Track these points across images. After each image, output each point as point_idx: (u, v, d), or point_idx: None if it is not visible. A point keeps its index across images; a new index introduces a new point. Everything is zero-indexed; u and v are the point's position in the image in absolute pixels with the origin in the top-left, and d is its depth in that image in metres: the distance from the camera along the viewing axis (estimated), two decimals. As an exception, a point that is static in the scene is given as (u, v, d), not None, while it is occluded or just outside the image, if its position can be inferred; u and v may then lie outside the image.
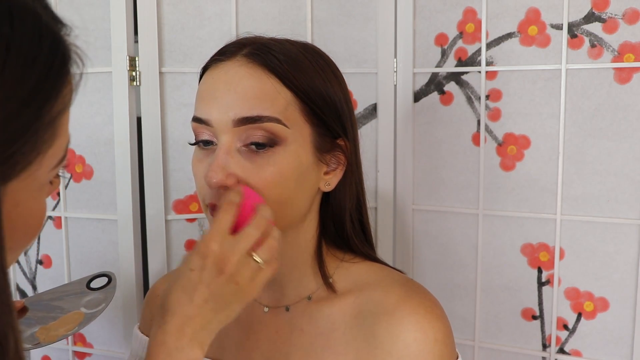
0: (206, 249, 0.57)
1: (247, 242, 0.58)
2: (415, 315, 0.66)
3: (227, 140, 0.63)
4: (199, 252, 0.57)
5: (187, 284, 0.57)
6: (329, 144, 0.68)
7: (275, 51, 0.64)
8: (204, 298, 0.56)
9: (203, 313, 0.56)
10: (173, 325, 0.56)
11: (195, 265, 0.57)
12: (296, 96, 0.64)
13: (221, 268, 0.57)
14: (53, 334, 0.73)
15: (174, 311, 0.56)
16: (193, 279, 0.57)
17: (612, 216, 1.05)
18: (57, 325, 0.75)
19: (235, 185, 0.62)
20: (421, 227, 1.20)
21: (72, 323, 0.75)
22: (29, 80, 0.37)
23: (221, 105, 0.63)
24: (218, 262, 0.57)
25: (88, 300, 0.80)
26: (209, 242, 0.57)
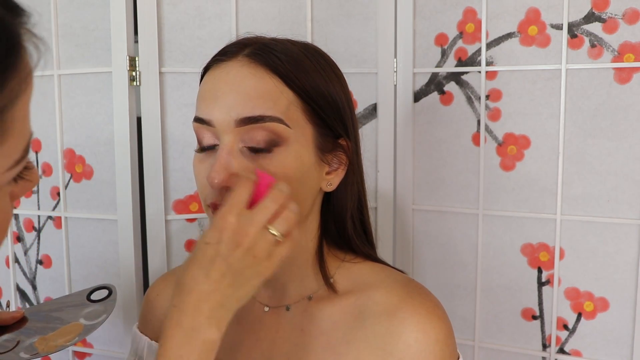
0: (223, 221, 0.55)
1: (264, 215, 0.57)
2: (417, 316, 0.66)
3: (229, 140, 0.63)
4: (216, 226, 0.56)
5: (202, 259, 0.55)
6: (330, 144, 0.68)
7: (277, 51, 0.64)
8: (221, 272, 0.55)
9: (220, 289, 0.55)
10: (189, 304, 0.54)
11: (211, 239, 0.55)
12: (298, 96, 0.64)
13: (238, 241, 0.55)
14: (52, 344, 0.73)
15: (190, 288, 0.55)
16: (209, 253, 0.55)
17: (612, 216, 1.05)
18: (56, 335, 0.75)
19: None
20: (421, 227, 1.20)
21: (71, 334, 0.75)
22: None
23: (223, 105, 0.63)
24: (235, 235, 0.55)
25: (88, 312, 0.80)
26: (226, 215, 0.56)
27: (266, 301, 0.73)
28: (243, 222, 0.56)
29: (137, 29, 1.11)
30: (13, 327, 0.76)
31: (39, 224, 1.22)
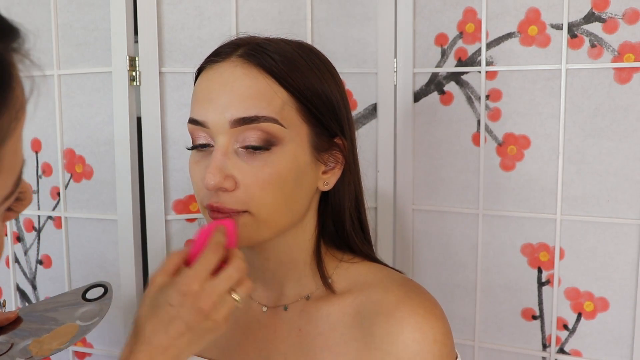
0: (187, 287, 0.57)
1: (228, 284, 0.59)
2: (415, 316, 0.66)
3: (224, 141, 0.63)
4: (179, 289, 0.57)
5: (164, 317, 0.57)
6: (326, 143, 0.67)
7: (270, 51, 0.64)
8: (180, 332, 0.57)
9: (177, 344, 0.57)
10: (145, 353, 0.56)
11: (174, 301, 0.57)
12: (292, 96, 0.64)
13: (200, 307, 0.57)
14: (46, 347, 0.72)
15: (149, 340, 0.57)
16: (171, 313, 0.57)
17: (612, 216, 1.05)
18: (51, 338, 0.74)
19: (232, 186, 0.62)
20: (421, 227, 1.20)
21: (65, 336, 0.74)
22: None
23: (217, 106, 0.63)
24: (197, 301, 0.57)
25: (83, 312, 0.79)
26: (191, 282, 0.58)
27: (264, 301, 0.73)
28: (207, 289, 0.58)
29: (137, 29, 1.11)
30: (7, 328, 0.75)
31: (39, 224, 1.22)
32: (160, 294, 0.59)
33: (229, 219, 0.63)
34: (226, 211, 0.63)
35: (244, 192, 0.62)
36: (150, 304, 0.59)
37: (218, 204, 0.63)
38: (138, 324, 0.59)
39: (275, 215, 0.64)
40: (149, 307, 0.59)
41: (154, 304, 0.58)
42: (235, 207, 0.63)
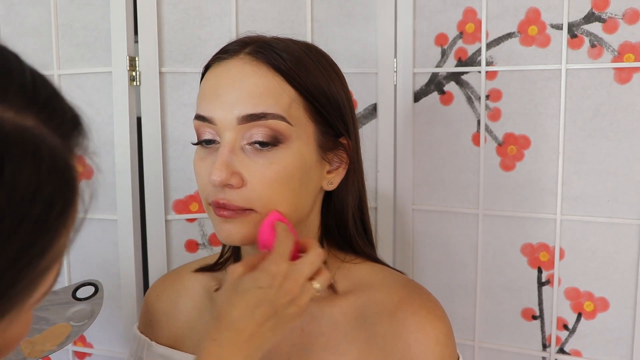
0: (277, 268, 0.57)
1: (311, 269, 0.60)
2: (417, 316, 0.66)
3: (231, 138, 0.63)
4: (268, 270, 0.57)
5: (252, 300, 0.57)
6: (331, 143, 0.68)
7: (279, 49, 0.64)
8: (266, 316, 0.57)
9: (262, 331, 0.57)
10: (230, 341, 0.56)
11: (263, 283, 0.57)
12: (300, 94, 0.64)
13: (288, 289, 0.57)
14: (39, 348, 0.71)
15: (235, 326, 0.56)
16: (259, 297, 0.57)
17: (612, 216, 1.05)
18: (43, 339, 0.72)
19: (238, 183, 0.62)
20: (421, 227, 1.20)
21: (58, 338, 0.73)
22: (15, 243, 0.31)
23: (225, 103, 0.63)
24: (285, 282, 0.57)
25: (74, 311, 0.78)
26: (279, 262, 0.58)
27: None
28: (294, 272, 0.58)
29: (137, 29, 1.11)
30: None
31: (39, 224, 1.22)
32: (245, 280, 0.58)
33: (275, 212, 0.63)
34: (232, 208, 0.63)
35: (251, 189, 0.62)
36: (234, 291, 0.58)
37: (224, 201, 0.62)
38: (221, 312, 0.57)
39: None
40: (234, 293, 0.58)
41: (238, 290, 0.58)
42: (242, 204, 0.62)
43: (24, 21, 1.17)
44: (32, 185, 0.31)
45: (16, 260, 0.32)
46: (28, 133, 0.32)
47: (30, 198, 0.31)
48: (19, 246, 0.31)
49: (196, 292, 0.78)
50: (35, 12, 1.16)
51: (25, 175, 0.31)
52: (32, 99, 0.33)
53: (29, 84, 0.33)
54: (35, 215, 0.32)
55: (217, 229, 0.65)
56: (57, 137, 0.34)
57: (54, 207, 0.33)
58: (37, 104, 0.33)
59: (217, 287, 0.76)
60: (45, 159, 0.33)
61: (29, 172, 0.31)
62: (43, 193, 0.32)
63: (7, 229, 0.31)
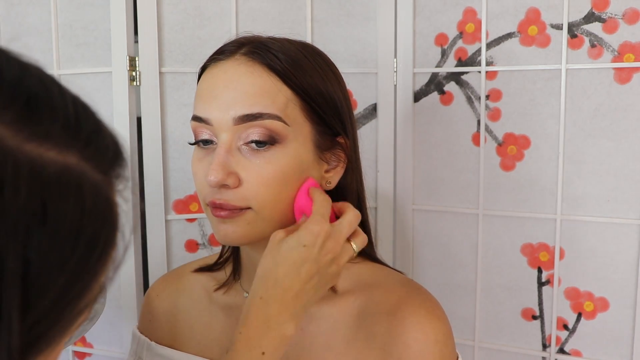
0: (319, 228, 0.60)
1: (350, 229, 0.62)
2: (416, 316, 0.66)
3: (227, 138, 0.63)
4: (312, 230, 0.60)
5: (297, 259, 0.59)
6: (329, 142, 0.68)
7: (275, 50, 0.64)
8: (311, 274, 0.59)
9: (306, 289, 0.59)
10: (277, 298, 0.58)
11: (307, 242, 0.59)
12: (296, 94, 0.64)
13: (330, 248, 0.60)
14: None
15: (281, 284, 0.58)
16: (304, 255, 0.59)
17: (612, 216, 1.05)
18: None
19: (235, 183, 0.62)
20: (421, 227, 1.20)
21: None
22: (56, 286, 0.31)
23: (221, 103, 0.63)
24: (328, 241, 0.60)
25: None
26: (322, 222, 0.60)
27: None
28: (335, 231, 0.61)
29: (137, 29, 1.11)
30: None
31: (39, 224, 1.22)
32: (288, 240, 0.60)
33: (310, 178, 0.65)
34: (229, 208, 0.63)
35: (247, 189, 0.62)
36: (278, 251, 0.60)
37: (221, 201, 0.63)
38: (266, 272, 0.59)
39: (278, 212, 0.64)
40: (277, 253, 0.60)
41: (282, 250, 0.60)
42: (239, 204, 0.63)
43: (24, 21, 1.17)
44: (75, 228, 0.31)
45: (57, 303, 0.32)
46: (71, 172, 0.31)
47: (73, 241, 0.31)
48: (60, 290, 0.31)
49: (196, 292, 0.78)
50: (35, 12, 1.16)
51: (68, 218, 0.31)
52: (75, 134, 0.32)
53: (72, 117, 0.33)
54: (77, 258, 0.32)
55: (215, 229, 0.65)
56: (99, 173, 0.33)
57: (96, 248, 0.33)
58: (80, 140, 0.33)
59: (216, 287, 0.76)
60: (88, 198, 0.32)
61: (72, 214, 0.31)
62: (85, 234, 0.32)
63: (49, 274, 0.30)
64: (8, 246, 0.28)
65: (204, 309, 0.76)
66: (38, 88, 0.32)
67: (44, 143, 0.30)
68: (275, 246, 0.60)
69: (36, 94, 0.31)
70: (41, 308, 0.31)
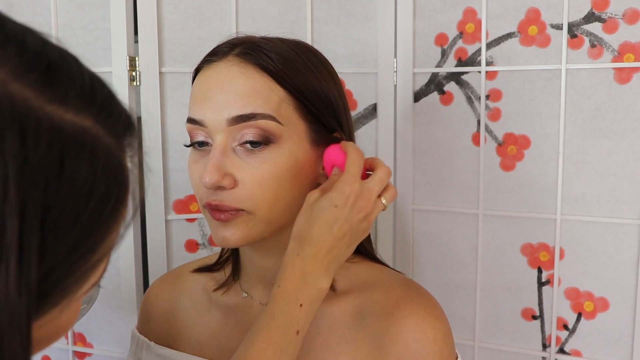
0: (350, 188, 0.62)
1: (380, 186, 0.64)
2: (415, 316, 0.66)
3: (222, 140, 0.63)
4: (342, 190, 0.62)
5: (330, 218, 0.61)
6: (324, 140, 0.68)
7: (267, 50, 0.64)
8: (343, 232, 0.62)
9: (339, 246, 0.62)
10: (312, 255, 0.61)
11: (339, 202, 0.61)
12: (289, 93, 0.64)
13: (361, 206, 0.62)
14: None
15: (316, 242, 0.61)
16: (336, 215, 0.61)
17: (612, 216, 1.05)
18: None
19: (231, 184, 0.62)
20: (421, 227, 1.20)
21: None
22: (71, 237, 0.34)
23: (214, 105, 0.63)
24: (359, 200, 0.62)
25: None
26: (352, 182, 0.62)
27: (265, 301, 0.73)
28: (365, 190, 0.63)
29: (137, 29, 1.11)
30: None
31: (39, 223, 1.22)
32: (322, 200, 0.62)
33: (336, 144, 0.66)
34: (226, 209, 0.63)
35: (243, 189, 0.62)
36: (311, 211, 0.62)
37: (217, 202, 0.63)
38: (300, 232, 0.62)
39: (275, 213, 0.64)
40: (311, 214, 0.62)
41: (315, 210, 0.62)
42: (235, 205, 0.63)
43: (24, 21, 1.17)
44: (89, 183, 0.34)
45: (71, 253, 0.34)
46: (87, 133, 0.34)
47: (87, 195, 0.34)
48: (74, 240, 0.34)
49: (195, 292, 0.78)
50: (35, 12, 1.16)
51: (83, 173, 0.33)
52: (90, 101, 0.35)
53: (87, 86, 0.36)
54: (90, 211, 0.34)
55: (213, 232, 0.66)
56: (111, 137, 0.36)
57: (107, 204, 0.35)
58: (94, 106, 0.36)
59: (215, 287, 0.76)
60: (101, 158, 0.35)
61: (86, 170, 0.34)
62: (98, 190, 0.34)
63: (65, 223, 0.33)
64: (29, 192, 0.31)
65: (203, 309, 0.76)
66: (57, 58, 0.35)
67: (63, 106, 0.33)
68: (309, 206, 0.62)
69: (56, 63, 0.34)
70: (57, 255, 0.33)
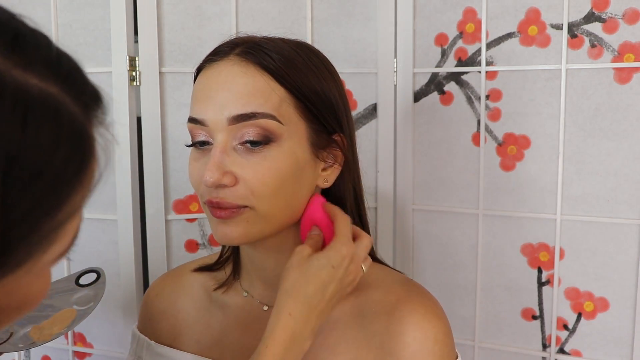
0: (347, 250, 0.63)
1: (365, 252, 0.67)
2: (415, 315, 0.66)
3: (222, 138, 0.63)
4: (340, 252, 0.63)
5: (326, 278, 0.62)
6: (325, 140, 0.68)
7: (268, 49, 0.64)
8: (333, 294, 0.63)
9: (328, 307, 0.63)
10: (304, 315, 0.61)
11: (336, 263, 0.63)
12: (290, 93, 0.64)
13: (352, 270, 0.64)
14: (47, 332, 0.73)
15: (310, 302, 0.61)
16: (332, 275, 0.62)
17: (612, 216, 1.05)
18: (51, 323, 0.74)
19: (232, 182, 0.62)
20: (421, 227, 1.20)
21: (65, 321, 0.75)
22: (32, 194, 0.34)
23: (215, 104, 0.63)
24: (351, 263, 0.64)
25: (79, 297, 0.80)
26: (349, 245, 0.64)
27: (265, 300, 0.73)
28: (356, 254, 0.65)
29: (137, 29, 1.11)
30: None
31: (39, 224, 1.22)
32: (319, 258, 0.63)
33: (318, 195, 0.68)
34: (227, 206, 0.63)
35: (244, 186, 0.63)
36: (307, 269, 0.62)
37: (218, 199, 0.63)
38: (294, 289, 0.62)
39: (275, 211, 0.64)
40: (307, 270, 0.62)
41: (312, 268, 0.62)
42: (236, 202, 0.63)
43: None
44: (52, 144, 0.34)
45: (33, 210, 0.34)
46: (51, 98, 0.35)
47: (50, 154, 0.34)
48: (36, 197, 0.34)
49: (195, 292, 0.78)
50: (35, 12, 1.16)
51: (46, 133, 0.34)
52: (56, 70, 0.36)
53: (54, 57, 0.37)
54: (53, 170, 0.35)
55: (214, 229, 0.66)
56: (77, 107, 0.37)
57: (70, 165, 0.36)
58: (60, 76, 0.36)
59: (216, 286, 0.76)
60: (65, 123, 0.35)
61: (49, 132, 0.34)
62: (61, 151, 0.35)
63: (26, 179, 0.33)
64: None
65: (204, 309, 0.76)
66: (26, 30, 0.36)
67: (28, 71, 0.34)
68: (304, 262, 0.63)
69: (24, 33, 0.35)
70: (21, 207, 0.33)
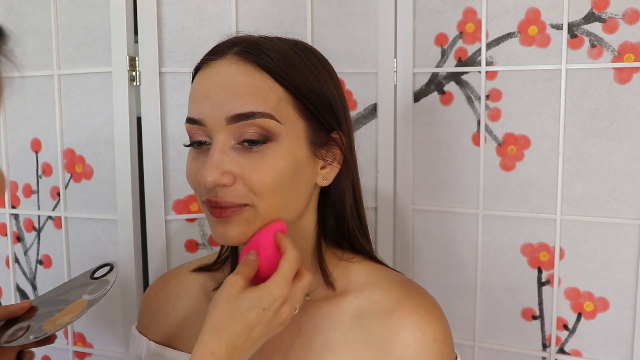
0: (280, 293, 0.60)
1: (303, 293, 0.63)
2: (415, 316, 0.66)
3: (221, 138, 0.63)
4: (273, 295, 0.60)
5: (253, 320, 0.60)
6: (323, 138, 0.68)
7: (266, 48, 0.65)
8: (259, 335, 0.60)
9: (253, 347, 0.60)
10: (226, 355, 0.59)
11: (266, 305, 0.60)
12: (288, 92, 0.64)
13: (282, 311, 0.61)
14: (58, 322, 0.74)
15: (234, 343, 0.59)
16: (260, 317, 0.60)
17: (612, 216, 1.05)
18: (62, 315, 0.75)
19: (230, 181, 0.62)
20: (421, 227, 1.20)
21: (75, 311, 0.76)
22: None
23: (214, 104, 0.63)
24: (283, 306, 0.61)
25: (91, 288, 0.81)
26: (284, 288, 0.61)
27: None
28: (290, 297, 0.62)
29: (137, 29, 1.11)
30: (23, 317, 0.77)
31: (39, 224, 1.22)
32: (249, 297, 0.60)
33: (280, 222, 0.65)
34: (225, 205, 0.63)
35: (243, 185, 0.63)
36: (236, 307, 0.60)
37: (216, 198, 0.63)
38: (219, 326, 0.59)
39: (274, 210, 0.64)
40: (236, 309, 0.60)
41: (241, 307, 0.60)
42: (235, 200, 0.63)
43: (24, 21, 1.17)
44: None
45: None
46: None
47: None
48: None
49: (194, 292, 0.78)
50: (35, 12, 1.16)
51: None
52: None
53: None
54: None
55: (212, 229, 0.66)
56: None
57: None
58: None
59: (215, 286, 0.76)
60: None
61: None
62: None
63: None
64: None
65: (203, 309, 0.76)
66: None
67: None
68: (234, 299, 0.60)
69: None
70: None
